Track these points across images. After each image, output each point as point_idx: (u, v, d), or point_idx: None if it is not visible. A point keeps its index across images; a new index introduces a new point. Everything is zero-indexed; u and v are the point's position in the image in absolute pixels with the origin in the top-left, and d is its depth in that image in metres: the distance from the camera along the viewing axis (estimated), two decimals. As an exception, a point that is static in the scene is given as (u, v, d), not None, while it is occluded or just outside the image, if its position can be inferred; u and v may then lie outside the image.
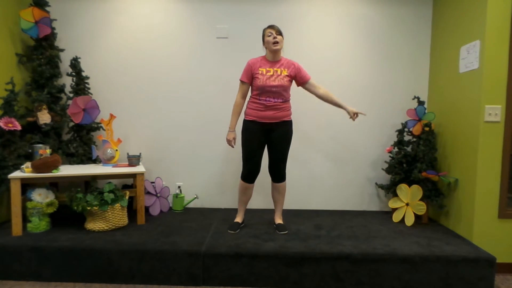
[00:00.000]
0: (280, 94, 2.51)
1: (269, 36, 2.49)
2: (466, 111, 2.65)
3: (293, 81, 2.62)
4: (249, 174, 2.62)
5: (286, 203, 3.31)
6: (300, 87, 2.67)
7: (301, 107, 3.24)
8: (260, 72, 2.51)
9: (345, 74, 3.26)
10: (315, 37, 3.23)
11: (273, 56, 2.55)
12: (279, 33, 2.50)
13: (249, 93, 2.66)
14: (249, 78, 2.56)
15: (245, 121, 2.63)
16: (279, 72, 2.52)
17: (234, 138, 2.63)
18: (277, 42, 2.47)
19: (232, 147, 2.64)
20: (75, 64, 3.05)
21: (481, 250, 2.35)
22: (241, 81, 2.59)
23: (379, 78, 3.26)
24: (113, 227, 2.62)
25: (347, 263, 2.26)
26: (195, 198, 3.29)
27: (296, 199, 3.35)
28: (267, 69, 2.52)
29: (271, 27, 2.52)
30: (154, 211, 3.06)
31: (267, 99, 2.51)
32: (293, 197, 3.34)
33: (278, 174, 2.65)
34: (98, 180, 3.16)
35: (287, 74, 2.53)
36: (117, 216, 2.62)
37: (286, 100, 2.58)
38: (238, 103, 2.61)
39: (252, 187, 2.69)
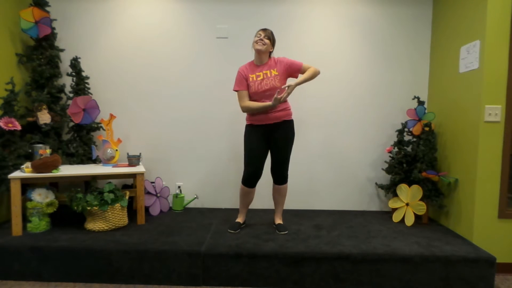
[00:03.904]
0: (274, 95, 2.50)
1: (257, 37, 2.49)
2: (466, 111, 2.65)
3: (291, 76, 2.57)
4: (250, 178, 2.59)
5: (286, 203, 3.30)
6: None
7: (301, 106, 3.24)
8: (251, 79, 2.51)
9: (345, 74, 3.25)
10: (315, 37, 3.23)
11: (260, 59, 2.53)
12: (268, 37, 2.49)
13: None
14: (245, 86, 2.54)
15: (247, 126, 2.63)
16: (268, 74, 2.51)
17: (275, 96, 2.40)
18: (261, 42, 2.46)
19: (283, 89, 2.44)
20: (75, 64, 3.05)
21: (481, 250, 2.35)
22: (238, 91, 2.55)
23: (379, 78, 3.26)
24: (113, 227, 2.62)
25: (347, 263, 2.26)
26: (195, 198, 3.29)
27: (296, 199, 3.35)
28: (257, 74, 2.52)
29: (263, 30, 2.52)
30: (154, 211, 3.06)
31: (264, 101, 2.51)
32: (293, 197, 3.34)
33: (280, 175, 2.64)
34: (98, 180, 3.16)
35: (277, 73, 2.51)
36: (117, 216, 2.62)
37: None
38: (248, 103, 2.51)
39: (253, 191, 2.67)
